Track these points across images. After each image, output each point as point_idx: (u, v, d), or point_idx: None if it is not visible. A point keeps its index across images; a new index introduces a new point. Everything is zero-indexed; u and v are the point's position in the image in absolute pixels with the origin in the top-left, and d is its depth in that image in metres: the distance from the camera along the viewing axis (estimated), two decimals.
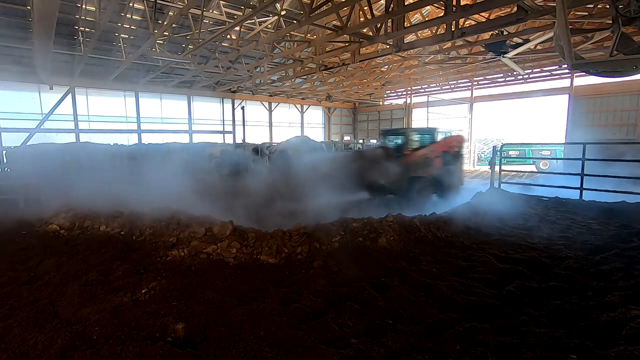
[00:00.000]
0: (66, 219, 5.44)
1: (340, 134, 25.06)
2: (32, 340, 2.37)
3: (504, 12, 9.60)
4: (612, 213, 6.21)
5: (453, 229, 5.26)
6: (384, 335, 2.50)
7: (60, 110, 14.15)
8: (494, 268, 3.79)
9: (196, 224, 4.71)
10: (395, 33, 8.02)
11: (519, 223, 5.78)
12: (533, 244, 4.72)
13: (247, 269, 3.82)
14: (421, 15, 11.50)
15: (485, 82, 18.71)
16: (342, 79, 16.10)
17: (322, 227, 4.72)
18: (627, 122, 14.36)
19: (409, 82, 17.54)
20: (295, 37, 10.97)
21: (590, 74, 5.42)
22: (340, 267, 3.80)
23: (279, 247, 4.28)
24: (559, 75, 16.08)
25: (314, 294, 3.13)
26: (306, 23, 7.83)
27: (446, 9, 6.88)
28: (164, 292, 3.16)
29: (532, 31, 8.53)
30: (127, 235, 4.91)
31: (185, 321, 2.63)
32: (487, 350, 2.26)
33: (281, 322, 2.63)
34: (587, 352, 2.25)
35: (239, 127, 17.18)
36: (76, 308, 2.89)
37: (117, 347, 2.26)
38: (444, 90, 20.74)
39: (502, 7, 7.67)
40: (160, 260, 4.07)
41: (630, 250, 4.15)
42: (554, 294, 3.16)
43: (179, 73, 14.37)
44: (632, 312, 2.66)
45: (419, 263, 4.00)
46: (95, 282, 3.41)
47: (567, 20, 4.38)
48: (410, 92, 21.91)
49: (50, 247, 4.48)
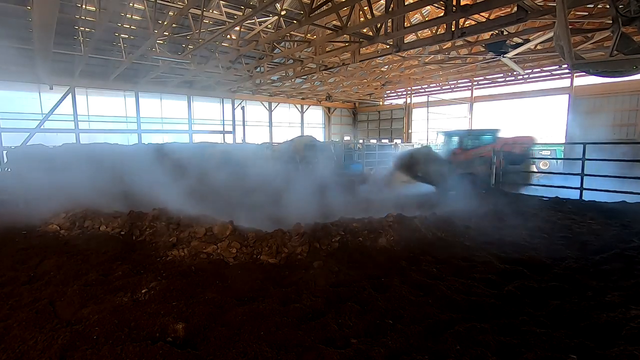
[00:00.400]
0: (66, 219, 5.44)
1: (340, 134, 25.06)
2: (32, 340, 2.37)
3: (504, 12, 9.59)
4: (612, 213, 6.21)
5: (453, 228, 5.26)
6: (384, 335, 2.50)
7: (60, 110, 14.15)
8: (494, 268, 3.79)
9: (196, 224, 4.71)
10: (395, 33, 8.02)
11: (519, 223, 5.78)
12: (533, 244, 4.72)
13: (247, 269, 3.82)
14: (421, 15, 11.50)
15: (485, 82, 18.70)
16: (342, 79, 16.09)
17: (322, 227, 4.72)
18: (627, 122, 14.35)
19: (409, 82, 17.54)
20: (295, 37, 10.97)
21: (590, 74, 5.42)
22: (340, 267, 3.79)
23: (279, 247, 4.28)
24: (559, 75, 16.07)
25: (314, 294, 3.13)
26: (306, 23, 7.83)
27: (446, 9, 6.88)
28: (164, 292, 3.16)
29: (532, 31, 8.53)
30: (127, 235, 4.91)
31: (185, 321, 2.63)
32: (487, 350, 2.26)
33: (281, 322, 2.63)
34: (587, 352, 2.25)
35: (239, 127, 17.21)
36: (76, 308, 2.89)
37: (117, 347, 2.26)
38: (444, 90, 20.73)
39: (502, 7, 7.67)
40: (160, 260, 4.07)
41: (630, 250, 4.15)
42: (554, 294, 3.16)
43: (179, 73, 14.36)
44: (632, 312, 2.66)
45: (419, 263, 4.00)
46: (95, 282, 3.41)
47: (567, 20, 4.38)
48: (410, 92, 21.91)
49: (50, 247, 4.48)
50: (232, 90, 18.34)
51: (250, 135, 19.52)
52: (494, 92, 19.00)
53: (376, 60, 12.37)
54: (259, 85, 16.76)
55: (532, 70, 16.03)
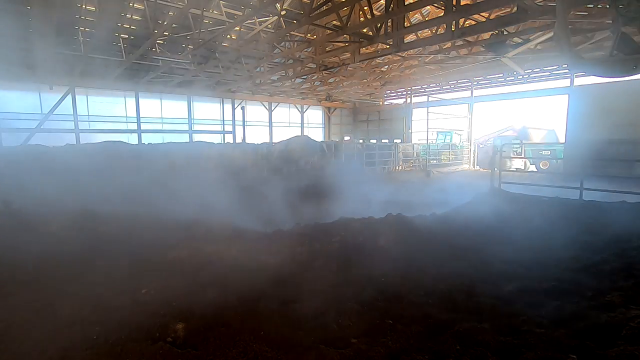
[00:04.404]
0: (67, 219, 5.43)
1: (340, 134, 25.05)
2: (32, 340, 2.36)
3: (504, 12, 9.58)
4: (612, 213, 6.21)
5: (453, 228, 5.27)
6: (384, 335, 2.50)
7: (60, 110, 14.14)
8: (494, 268, 3.79)
9: (196, 224, 4.72)
10: (395, 33, 8.02)
11: (519, 223, 5.77)
12: (533, 244, 4.72)
13: (247, 268, 3.82)
14: (421, 15, 11.49)
15: (485, 82, 18.69)
16: (342, 79, 16.09)
17: (322, 227, 4.72)
18: (627, 122, 14.34)
19: (409, 82, 17.53)
20: (295, 37, 10.96)
21: (590, 74, 5.42)
22: (340, 267, 3.79)
23: (279, 247, 4.29)
24: (559, 75, 16.06)
25: (314, 294, 3.13)
26: (306, 23, 7.82)
27: (446, 9, 6.87)
28: (164, 292, 3.16)
29: (532, 31, 8.52)
30: (127, 235, 4.91)
31: (185, 321, 2.62)
32: (487, 350, 2.26)
33: (281, 322, 2.63)
34: (587, 352, 2.25)
35: (239, 127, 17.21)
36: (76, 308, 2.89)
37: (117, 347, 2.26)
38: (444, 90, 20.72)
39: (502, 7, 7.67)
40: (161, 260, 4.07)
41: (630, 250, 4.15)
42: (554, 294, 3.15)
43: (179, 73, 14.35)
44: (632, 312, 2.66)
45: (418, 263, 3.99)
46: (95, 282, 3.41)
47: (567, 20, 4.38)
48: (410, 92, 21.90)
49: (51, 247, 4.47)
50: (232, 90, 18.33)
51: (250, 135, 19.51)
52: (494, 92, 18.99)
53: (376, 60, 12.38)
54: (258, 85, 16.76)
55: (532, 70, 16.02)
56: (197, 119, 18.42)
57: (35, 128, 13.18)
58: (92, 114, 15.19)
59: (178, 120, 17.79)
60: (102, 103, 15.44)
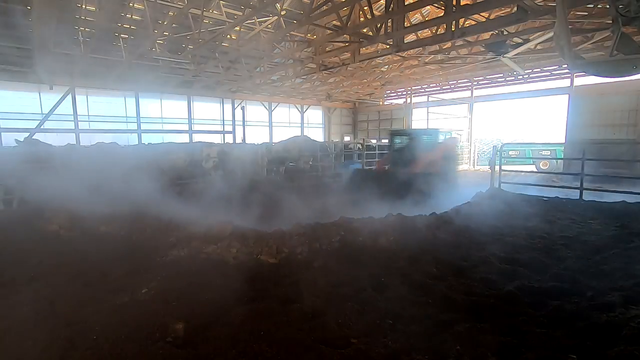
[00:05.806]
0: (66, 219, 5.44)
1: (341, 134, 25.05)
2: (32, 340, 2.36)
3: (504, 12, 9.58)
4: (612, 213, 6.21)
5: (453, 228, 5.26)
6: (384, 335, 2.50)
7: (60, 110, 14.14)
8: (494, 268, 3.79)
9: (196, 223, 4.72)
10: (395, 33, 8.02)
11: (519, 223, 5.78)
12: (533, 244, 4.72)
13: (247, 269, 3.82)
14: (421, 15, 11.49)
15: (485, 82, 18.69)
16: (342, 79, 16.08)
17: (322, 227, 4.72)
18: (627, 122, 14.35)
19: (409, 82, 17.54)
20: (295, 37, 10.96)
21: (590, 74, 5.42)
22: (340, 267, 3.79)
23: (278, 247, 4.28)
24: (559, 75, 16.06)
25: (314, 294, 3.13)
26: (306, 23, 7.83)
27: (446, 9, 6.87)
28: (164, 292, 3.16)
29: (532, 31, 8.52)
30: (127, 235, 4.91)
31: (185, 321, 2.62)
32: (487, 350, 2.26)
33: (281, 322, 2.62)
34: (587, 352, 2.25)
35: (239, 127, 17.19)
36: (76, 308, 2.89)
37: (117, 347, 2.26)
38: (444, 90, 20.72)
39: (502, 7, 7.66)
40: (160, 260, 4.06)
41: (630, 250, 4.15)
42: (554, 294, 3.15)
43: (179, 73, 14.35)
44: (632, 312, 2.66)
45: (419, 263, 3.99)
46: (95, 282, 3.41)
47: (567, 20, 4.38)
48: (410, 92, 21.90)
49: (51, 247, 4.48)
50: (232, 90, 18.33)
51: (250, 135, 19.51)
52: (494, 92, 18.99)
53: (376, 60, 12.37)
54: (258, 85, 16.76)
55: (532, 70, 16.02)
56: (197, 119, 18.41)
57: (35, 128, 13.17)
58: (92, 114, 15.19)
59: (178, 120, 17.78)
60: (102, 103, 15.44)
